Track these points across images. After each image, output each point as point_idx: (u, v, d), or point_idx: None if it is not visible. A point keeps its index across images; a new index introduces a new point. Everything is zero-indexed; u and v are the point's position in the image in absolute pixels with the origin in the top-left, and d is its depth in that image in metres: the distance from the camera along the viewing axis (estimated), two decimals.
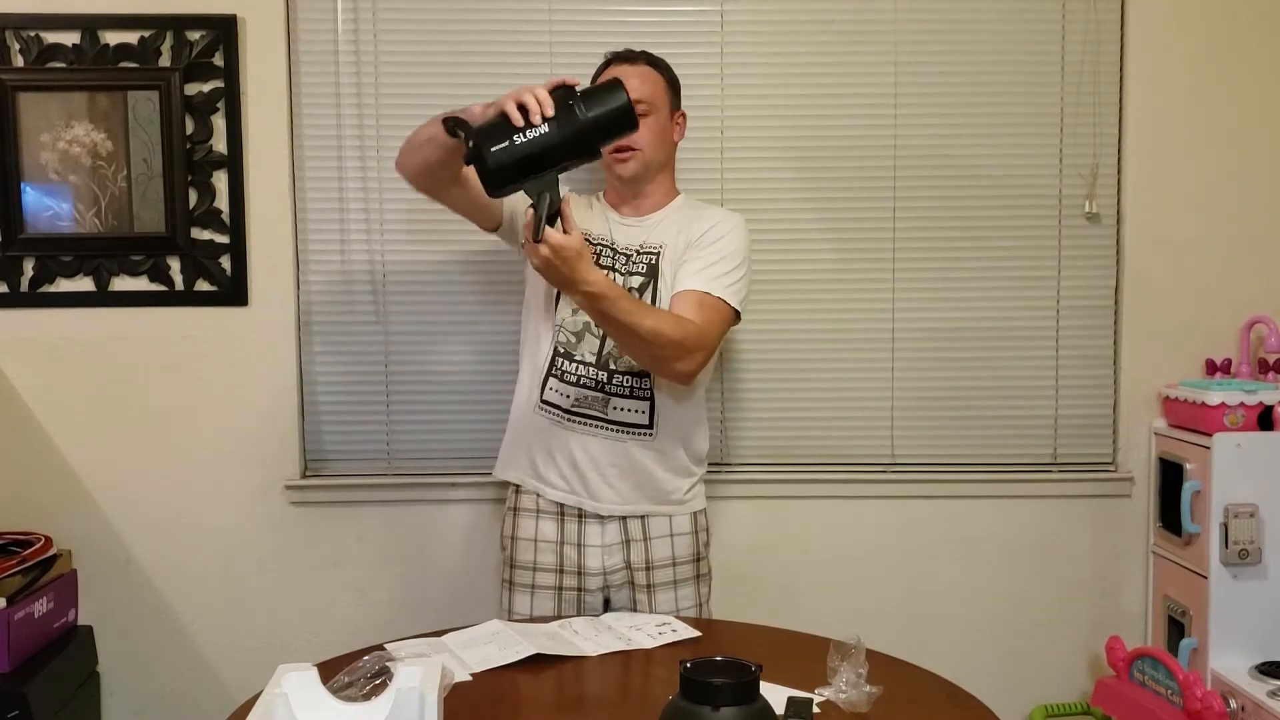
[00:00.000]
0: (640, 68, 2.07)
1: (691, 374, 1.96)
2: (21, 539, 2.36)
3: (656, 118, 2.05)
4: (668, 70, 2.12)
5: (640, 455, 2.02)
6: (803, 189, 2.50)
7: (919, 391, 2.55)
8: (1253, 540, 2.28)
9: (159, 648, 2.53)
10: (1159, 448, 2.51)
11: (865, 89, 2.50)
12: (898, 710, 1.51)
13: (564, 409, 2.01)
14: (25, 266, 2.45)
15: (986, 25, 2.49)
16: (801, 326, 2.53)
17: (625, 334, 1.86)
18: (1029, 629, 2.58)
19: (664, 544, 2.07)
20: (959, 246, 2.52)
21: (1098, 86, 2.51)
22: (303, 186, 2.49)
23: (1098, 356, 2.56)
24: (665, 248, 2.04)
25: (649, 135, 2.03)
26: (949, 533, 2.56)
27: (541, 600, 2.05)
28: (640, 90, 2.01)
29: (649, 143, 2.04)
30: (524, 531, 2.08)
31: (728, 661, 1.31)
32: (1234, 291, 2.53)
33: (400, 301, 2.51)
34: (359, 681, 1.51)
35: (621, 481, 2.02)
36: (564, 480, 2.04)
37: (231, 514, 2.51)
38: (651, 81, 2.06)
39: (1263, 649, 2.29)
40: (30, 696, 2.13)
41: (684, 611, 2.07)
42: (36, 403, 2.47)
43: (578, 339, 2.01)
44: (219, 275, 2.47)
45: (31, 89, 2.40)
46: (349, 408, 2.52)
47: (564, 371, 2.01)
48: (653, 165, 2.07)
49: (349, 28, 2.46)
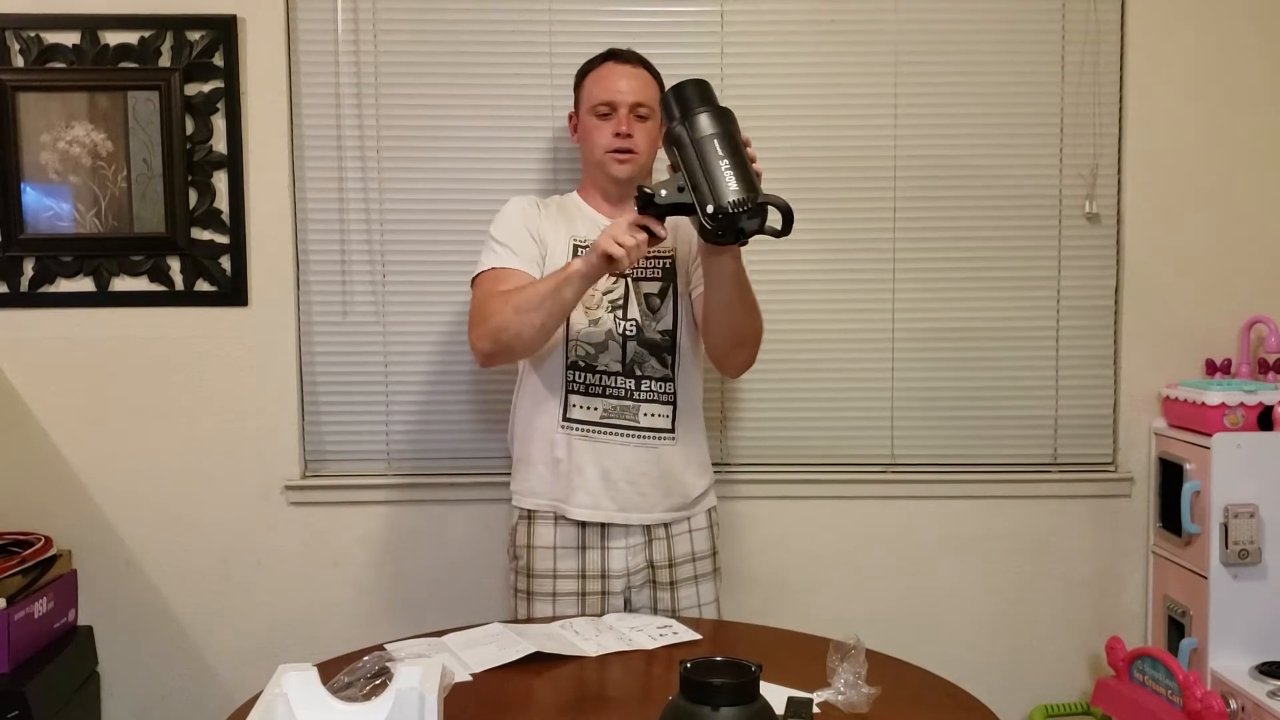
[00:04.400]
0: (636, 69, 2.06)
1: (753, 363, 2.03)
2: (21, 539, 2.37)
3: (653, 122, 2.04)
4: (658, 73, 2.11)
5: (669, 459, 2.02)
6: (803, 189, 2.50)
7: (919, 392, 2.55)
8: (1253, 540, 2.28)
9: (159, 648, 2.53)
10: (1159, 448, 2.51)
11: (865, 89, 2.50)
12: (897, 710, 1.51)
13: (593, 422, 1.99)
14: (25, 266, 2.45)
15: (986, 25, 2.49)
16: (802, 327, 2.53)
17: (751, 313, 1.92)
18: (1029, 629, 2.58)
19: (684, 540, 2.07)
20: (959, 246, 2.52)
21: (1098, 86, 2.51)
22: (303, 186, 2.49)
23: (1098, 356, 2.56)
24: (676, 249, 2.04)
25: (648, 138, 2.03)
26: (949, 533, 2.56)
27: (564, 607, 2.02)
28: (641, 94, 2.02)
29: (647, 145, 2.04)
30: (541, 540, 2.04)
31: (728, 661, 1.31)
32: (1234, 291, 2.53)
33: (400, 301, 2.51)
34: (359, 681, 1.51)
35: (653, 489, 2.01)
36: (590, 496, 1.99)
37: (231, 514, 2.51)
38: (649, 85, 2.06)
39: (1263, 649, 2.29)
40: (30, 696, 2.13)
41: (705, 606, 2.07)
42: (36, 403, 2.47)
43: (598, 350, 1.99)
44: (219, 275, 2.47)
45: (31, 89, 2.41)
46: (349, 408, 2.52)
47: (588, 385, 1.99)
48: (645, 167, 2.07)
49: (349, 28, 2.46)
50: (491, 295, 1.93)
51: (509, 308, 1.87)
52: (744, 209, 1.65)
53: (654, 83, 2.08)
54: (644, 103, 2.02)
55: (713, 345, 1.99)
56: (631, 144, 2.00)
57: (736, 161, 1.68)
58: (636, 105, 2.02)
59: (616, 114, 2.01)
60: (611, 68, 2.06)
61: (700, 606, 2.07)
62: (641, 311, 2.00)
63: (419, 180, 2.49)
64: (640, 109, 2.02)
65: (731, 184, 1.66)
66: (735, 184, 1.66)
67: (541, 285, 1.87)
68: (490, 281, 1.97)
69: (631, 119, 2.01)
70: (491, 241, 2.02)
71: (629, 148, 2.00)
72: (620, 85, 2.02)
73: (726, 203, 1.65)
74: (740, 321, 1.92)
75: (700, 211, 1.67)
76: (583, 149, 2.11)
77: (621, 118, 2.01)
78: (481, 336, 1.92)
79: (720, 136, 1.70)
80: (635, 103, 2.01)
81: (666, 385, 2.01)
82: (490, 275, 1.98)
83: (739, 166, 1.67)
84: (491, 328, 1.90)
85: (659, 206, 1.71)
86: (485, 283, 1.98)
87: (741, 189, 1.65)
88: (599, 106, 2.02)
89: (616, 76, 2.04)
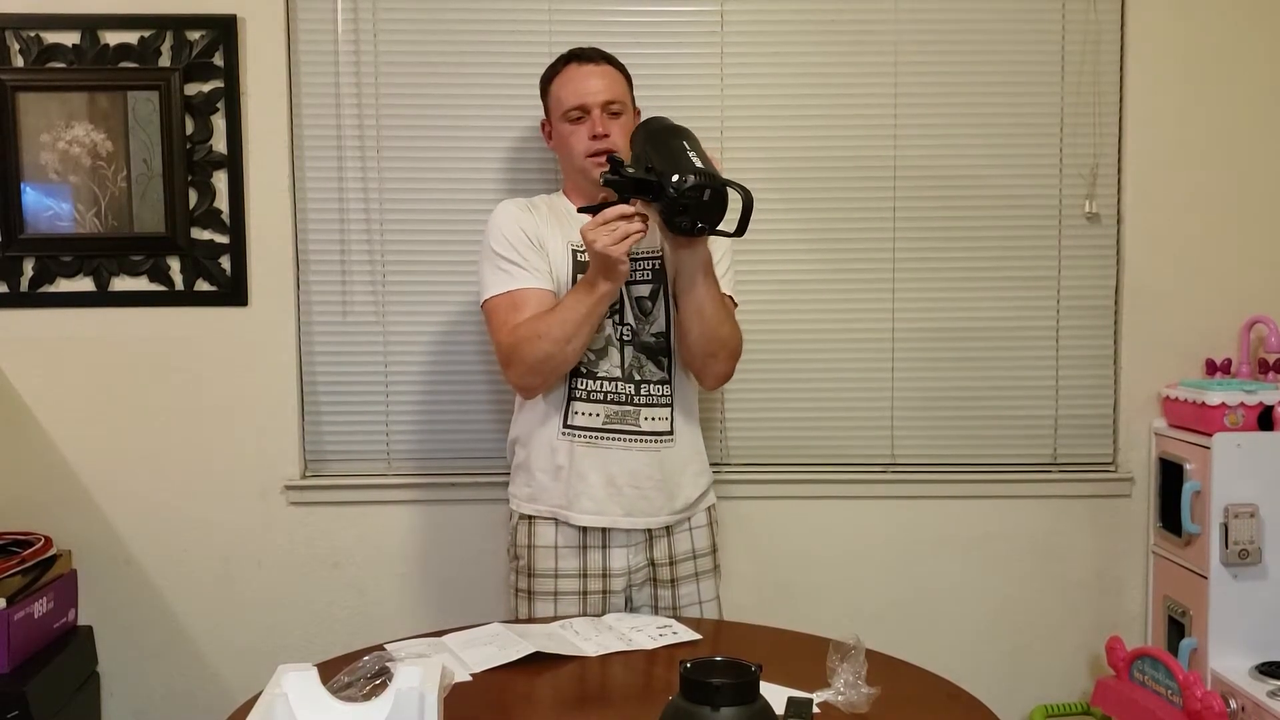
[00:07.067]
0: (602, 67, 2.03)
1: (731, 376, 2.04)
2: (21, 539, 2.37)
3: (627, 117, 2.03)
4: (624, 67, 2.08)
5: (671, 461, 2.01)
6: (803, 189, 2.51)
7: (919, 392, 2.55)
8: (1253, 540, 2.28)
9: (159, 648, 2.53)
10: (1159, 448, 2.51)
11: (865, 89, 2.50)
12: (897, 710, 1.51)
13: (596, 428, 1.98)
14: (25, 266, 2.45)
15: (987, 25, 2.49)
16: (802, 327, 2.53)
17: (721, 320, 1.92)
18: (1029, 629, 2.58)
19: (684, 538, 2.07)
20: (959, 246, 2.52)
21: (1098, 87, 2.51)
22: (303, 186, 2.49)
23: (1098, 356, 2.56)
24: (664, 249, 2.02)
25: (624, 134, 2.00)
26: (949, 533, 2.56)
27: (566, 607, 2.01)
28: (611, 91, 2.00)
29: (625, 143, 2.00)
30: (542, 539, 2.03)
31: (728, 661, 1.31)
32: (1234, 291, 2.53)
33: (400, 301, 2.51)
34: (359, 681, 1.51)
35: (656, 492, 2.00)
36: (594, 502, 1.98)
37: (231, 514, 2.51)
38: (617, 80, 2.03)
39: (1263, 649, 2.29)
40: (30, 696, 2.13)
41: (706, 603, 2.07)
42: (36, 403, 2.47)
43: (598, 355, 1.98)
44: (219, 275, 2.47)
45: (31, 89, 2.40)
46: (349, 408, 2.52)
47: (589, 391, 1.98)
48: None
49: (349, 28, 2.46)
50: (518, 327, 1.91)
51: (548, 341, 1.87)
52: (707, 183, 1.73)
53: (622, 78, 2.05)
54: (615, 100, 2.00)
55: (688, 355, 1.99)
56: (609, 144, 1.97)
57: (699, 153, 1.79)
58: (608, 104, 1.99)
59: (590, 116, 1.98)
60: (577, 69, 2.02)
61: (701, 604, 2.07)
62: (635, 315, 2.00)
63: (419, 180, 2.49)
64: (612, 106, 1.99)
65: (696, 162, 1.76)
66: (699, 163, 1.76)
67: (574, 310, 1.86)
68: (508, 310, 1.94)
69: (605, 118, 1.98)
70: (496, 259, 1.98)
71: (607, 148, 1.96)
72: (589, 86, 1.99)
73: (690, 174, 1.73)
74: (712, 328, 1.92)
75: (664, 184, 1.73)
76: (560, 155, 2.09)
77: (595, 119, 1.98)
78: (524, 374, 1.92)
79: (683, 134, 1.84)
80: (606, 101, 1.99)
81: (664, 388, 2.00)
82: (506, 301, 1.95)
83: (701, 156, 1.78)
84: (533, 363, 1.89)
85: (625, 177, 1.76)
86: (503, 310, 1.95)
87: (706, 168, 1.76)
88: (571, 111, 1.99)
89: (584, 78, 2.00)
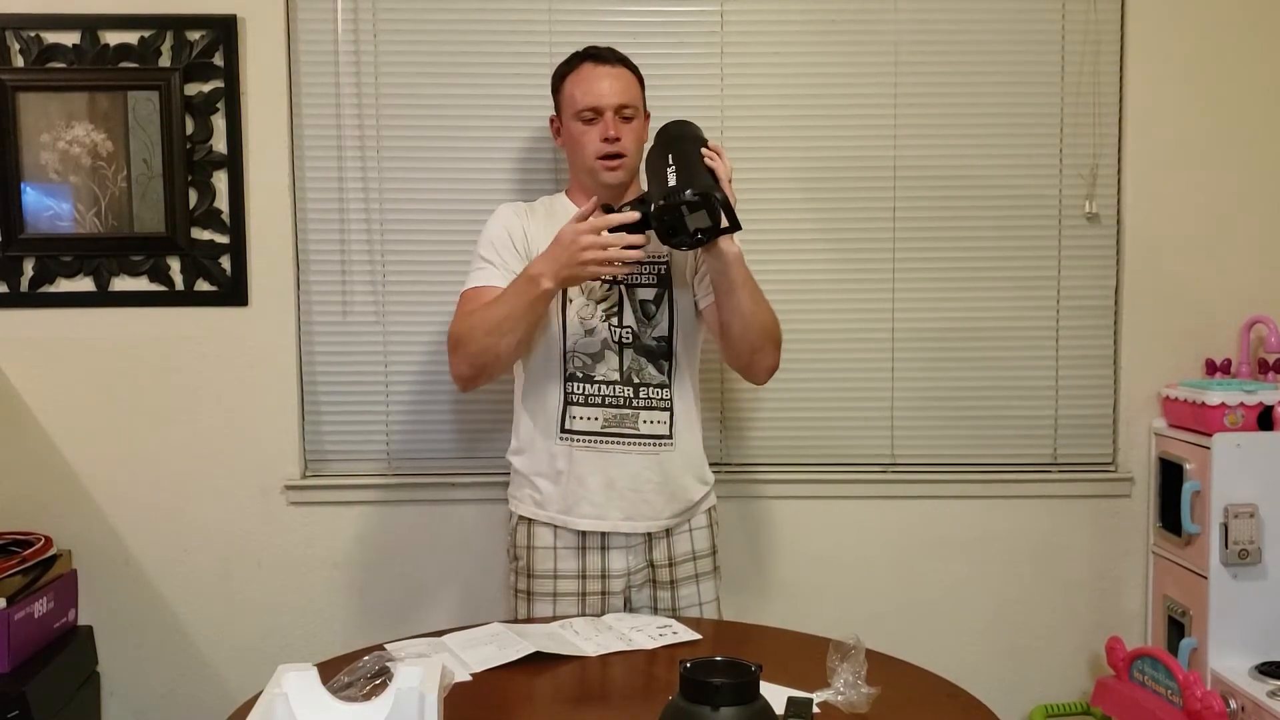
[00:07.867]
0: (617, 69, 2.01)
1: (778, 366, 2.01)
2: (21, 539, 2.37)
3: (638, 120, 2.02)
4: (637, 69, 2.06)
5: (670, 465, 2.01)
6: (803, 188, 2.51)
7: (919, 392, 2.55)
8: (1253, 540, 2.28)
9: (159, 648, 2.53)
10: (1159, 448, 2.51)
11: (865, 89, 2.50)
12: (897, 710, 1.51)
13: (594, 432, 1.98)
14: (25, 266, 2.45)
15: (986, 25, 2.49)
16: (801, 327, 2.52)
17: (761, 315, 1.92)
18: (1029, 629, 2.58)
19: (684, 539, 2.06)
20: (959, 246, 2.52)
21: (1098, 87, 2.51)
22: (303, 186, 2.49)
23: (1098, 356, 2.56)
24: (672, 255, 2.01)
25: (635, 138, 2.00)
26: (949, 533, 2.56)
27: (565, 608, 2.01)
28: (625, 94, 1.99)
29: (635, 146, 2.00)
30: (542, 540, 2.02)
31: (728, 661, 1.31)
32: (1234, 291, 2.53)
33: (400, 301, 2.51)
34: (359, 681, 1.51)
35: (656, 495, 2.00)
36: (595, 507, 1.98)
37: (231, 514, 2.51)
38: (631, 84, 2.02)
39: (1263, 649, 2.29)
40: (30, 696, 2.13)
41: (706, 604, 2.07)
42: (36, 403, 2.47)
43: (594, 359, 1.98)
44: (219, 275, 2.47)
45: (31, 89, 2.40)
46: (349, 408, 2.52)
47: (586, 395, 1.98)
48: (634, 168, 2.03)
49: (349, 28, 2.46)
50: (470, 315, 1.92)
51: (480, 332, 1.87)
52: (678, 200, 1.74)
53: (635, 81, 2.04)
54: (628, 103, 1.98)
55: (733, 354, 1.98)
56: (620, 147, 1.96)
57: (683, 163, 1.79)
58: (622, 107, 1.97)
59: (602, 118, 1.97)
60: (591, 69, 2.00)
61: (701, 605, 2.06)
62: (637, 318, 1.99)
63: (419, 180, 2.49)
64: (625, 110, 1.98)
65: (671, 179, 1.77)
66: (675, 179, 1.77)
67: (509, 304, 1.86)
68: (469, 302, 1.96)
69: (618, 121, 1.97)
70: (477, 258, 2.00)
71: (618, 151, 1.97)
72: (603, 88, 1.97)
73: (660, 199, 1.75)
74: (756, 322, 1.92)
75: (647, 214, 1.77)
76: (569, 153, 2.08)
77: (608, 121, 1.96)
78: (460, 362, 1.92)
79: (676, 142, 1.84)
80: (620, 104, 1.97)
81: (664, 392, 2.00)
82: (471, 294, 1.97)
83: (684, 167, 1.78)
84: (469, 353, 1.90)
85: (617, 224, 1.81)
86: (465, 302, 1.97)
87: (679, 182, 1.76)
88: (584, 112, 1.97)
89: (598, 78, 1.98)
